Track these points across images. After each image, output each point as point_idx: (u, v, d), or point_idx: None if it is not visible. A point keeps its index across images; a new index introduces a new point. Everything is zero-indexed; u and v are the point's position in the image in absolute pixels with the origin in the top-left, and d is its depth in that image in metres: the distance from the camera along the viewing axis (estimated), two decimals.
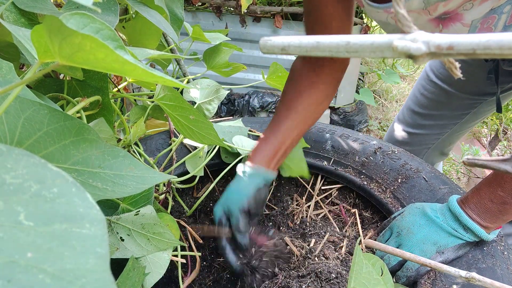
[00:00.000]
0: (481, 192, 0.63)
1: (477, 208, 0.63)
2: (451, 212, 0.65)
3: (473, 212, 0.63)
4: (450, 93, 1.08)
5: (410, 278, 0.65)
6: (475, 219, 0.63)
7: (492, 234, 0.64)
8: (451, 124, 1.15)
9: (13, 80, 0.38)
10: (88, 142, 0.36)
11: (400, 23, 0.19)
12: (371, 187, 0.82)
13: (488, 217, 0.62)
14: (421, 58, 0.18)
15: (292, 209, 0.94)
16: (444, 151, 1.27)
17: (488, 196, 0.62)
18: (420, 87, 1.17)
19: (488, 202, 0.62)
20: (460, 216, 0.63)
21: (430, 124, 1.17)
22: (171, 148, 0.87)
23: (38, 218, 0.19)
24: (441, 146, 1.23)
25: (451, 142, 1.24)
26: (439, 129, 1.17)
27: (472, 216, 0.63)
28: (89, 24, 0.28)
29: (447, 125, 1.16)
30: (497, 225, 0.63)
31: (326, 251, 0.75)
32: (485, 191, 0.63)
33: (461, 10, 0.69)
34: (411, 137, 1.22)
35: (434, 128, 1.17)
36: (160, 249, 0.57)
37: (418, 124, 1.20)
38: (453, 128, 1.16)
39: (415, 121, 1.20)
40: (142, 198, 0.60)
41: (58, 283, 0.17)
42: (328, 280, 0.67)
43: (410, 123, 1.21)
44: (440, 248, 0.64)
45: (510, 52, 0.15)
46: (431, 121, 1.16)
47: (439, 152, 1.26)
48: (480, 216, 0.63)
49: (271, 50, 0.23)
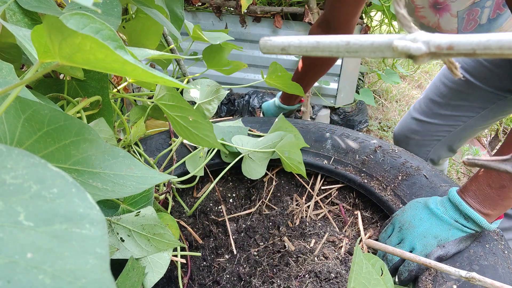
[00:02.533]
0: (479, 178, 0.64)
1: (476, 195, 0.63)
2: (451, 203, 0.65)
3: (472, 200, 0.63)
4: (472, 84, 1.08)
5: (412, 272, 0.65)
6: (475, 207, 0.63)
7: (494, 224, 0.63)
8: (466, 117, 1.15)
9: (13, 81, 0.38)
10: (88, 142, 0.36)
11: (400, 23, 0.19)
12: (371, 185, 0.82)
13: (488, 204, 0.62)
14: (421, 58, 0.18)
15: (292, 209, 0.94)
16: (453, 147, 1.26)
17: (486, 181, 0.63)
18: (441, 76, 1.17)
19: (486, 187, 0.62)
20: (460, 205, 0.63)
21: (446, 114, 1.17)
22: (171, 149, 0.87)
23: (38, 219, 0.19)
24: (452, 140, 1.23)
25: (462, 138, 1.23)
26: (453, 120, 1.17)
27: (472, 205, 0.63)
28: (89, 24, 0.28)
29: (462, 117, 1.15)
30: (497, 212, 0.63)
31: (325, 251, 0.76)
32: (483, 176, 0.63)
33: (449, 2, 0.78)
34: (423, 126, 1.22)
35: (449, 119, 1.17)
36: (160, 250, 0.57)
37: (433, 113, 1.19)
38: (467, 123, 1.16)
39: (430, 109, 1.20)
40: (142, 198, 0.60)
41: (58, 284, 0.17)
42: (328, 280, 0.67)
43: (425, 111, 1.21)
44: (441, 242, 0.64)
45: (510, 52, 0.15)
46: (447, 111, 1.16)
47: (448, 148, 1.26)
48: (480, 204, 0.63)
49: (271, 50, 0.23)
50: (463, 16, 0.79)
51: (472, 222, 0.63)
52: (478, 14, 0.77)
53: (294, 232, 0.87)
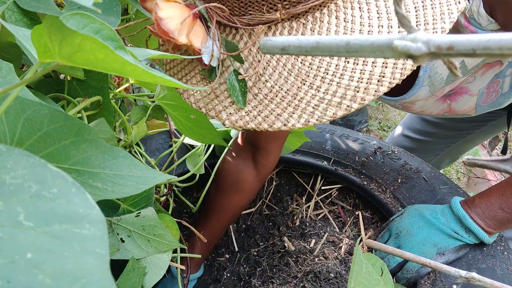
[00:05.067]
0: (491, 199, 0.62)
1: (483, 213, 0.62)
2: (454, 214, 0.64)
3: (478, 217, 0.62)
4: None
5: (410, 279, 0.65)
6: (479, 223, 0.62)
7: (492, 238, 0.63)
8: (466, 134, 1.07)
9: (13, 81, 0.38)
10: (88, 143, 0.36)
11: (400, 23, 0.19)
12: (371, 187, 0.82)
13: (494, 224, 0.62)
14: (421, 58, 0.18)
15: (292, 209, 0.94)
16: (454, 157, 1.19)
17: (499, 204, 0.61)
18: None
19: (498, 209, 0.61)
20: (463, 219, 0.62)
21: (443, 133, 1.08)
22: (172, 150, 0.87)
23: (38, 219, 0.19)
24: (452, 153, 1.16)
25: (463, 151, 1.15)
26: (451, 137, 1.09)
27: (476, 220, 0.62)
28: (89, 24, 0.28)
29: (462, 134, 1.07)
30: (500, 231, 0.63)
31: (325, 251, 0.75)
32: (497, 198, 0.62)
33: (465, 84, 0.70)
34: (418, 143, 1.13)
35: (447, 137, 1.09)
36: (160, 251, 0.57)
37: (428, 132, 1.10)
38: (467, 138, 1.08)
39: (424, 127, 1.11)
40: (143, 199, 0.60)
41: (58, 284, 0.17)
42: (327, 280, 0.67)
43: (418, 129, 1.12)
44: (440, 250, 0.63)
45: (510, 52, 0.15)
46: (443, 130, 1.07)
47: (449, 160, 1.20)
48: (486, 222, 0.62)
49: (271, 50, 0.23)
50: (483, 91, 0.72)
51: (473, 235, 0.63)
52: (499, 85, 0.71)
53: (294, 232, 0.87)
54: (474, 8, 0.55)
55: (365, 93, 0.40)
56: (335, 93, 0.41)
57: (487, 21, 0.55)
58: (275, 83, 0.43)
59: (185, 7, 0.41)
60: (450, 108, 0.78)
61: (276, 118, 0.43)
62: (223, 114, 0.46)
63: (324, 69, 0.41)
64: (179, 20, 0.39)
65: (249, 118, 0.44)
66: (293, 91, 0.42)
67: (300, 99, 0.42)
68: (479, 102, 0.76)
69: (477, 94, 0.72)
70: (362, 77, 0.40)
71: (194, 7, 0.42)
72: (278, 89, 0.43)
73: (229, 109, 0.46)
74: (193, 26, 0.41)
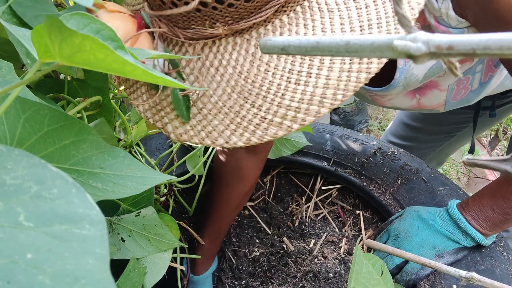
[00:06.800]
0: (483, 201, 0.63)
1: (477, 215, 0.63)
2: (451, 217, 0.65)
3: (472, 219, 0.63)
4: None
5: (410, 282, 0.65)
6: (474, 225, 0.62)
7: (490, 239, 0.63)
8: (449, 136, 1.10)
9: (13, 81, 0.38)
10: (88, 143, 0.36)
11: (400, 23, 0.19)
12: (370, 188, 0.82)
13: (488, 225, 0.62)
14: (421, 58, 0.18)
15: (291, 209, 0.94)
16: (440, 161, 1.22)
17: (490, 205, 0.62)
18: None
19: (489, 211, 0.62)
20: (460, 222, 0.63)
21: (425, 138, 1.11)
22: (172, 150, 0.87)
23: (38, 219, 0.19)
24: (437, 157, 1.19)
25: (448, 153, 1.18)
26: (435, 141, 1.12)
27: (471, 223, 0.63)
28: (89, 24, 0.28)
29: (444, 138, 1.10)
30: (496, 232, 0.63)
31: (324, 251, 0.76)
32: (487, 200, 0.62)
33: (435, 78, 0.72)
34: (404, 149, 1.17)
35: (430, 141, 1.12)
36: (160, 250, 0.57)
37: (410, 137, 1.14)
38: (451, 140, 1.11)
39: (406, 133, 1.14)
40: (143, 199, 0.60)
41: (58, 284, 0.17)
42: (327, 280, 0.67)
43: (402, 135, 1.16)
44: (439, 252, 0.63)
45: (510, 52, 0.15)
46: (425, 135, 1.11)
47: (436, 163, 1.22)
48: (480, 224, 0.62)
49: (271, 50, 0.23)
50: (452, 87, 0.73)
51: (470, 238, 0.63)
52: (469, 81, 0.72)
53: (294, 232, 0.87)
54: (443, 11, 0.55)
55: (305, 114, 0.39)
56: (275, 113, 0.40)
57: (457, 21, 0.56)
58: (219, 98, 0.43)
59: (130, 18, 0.41)
60: (419, 103, 0.80)
61: (219, 135, 0.42)
62: (169, 126, 0.45)
63: (266, 88, 0.41)
64: (121, 32, 0.39)
65: (193, 133, 0.44)
66: (235, 108, 0.42)
67: (242, 117, 0.41)
68: (448, 98, 0.77)
69: (446, 89, 0.73)
70: (303, 98, 0.39)
71: (140, 17, 0.41)
72: (221, 105, 0.42)
73: (174, 122, 0.45)
74: (137, 38, 0.41)
